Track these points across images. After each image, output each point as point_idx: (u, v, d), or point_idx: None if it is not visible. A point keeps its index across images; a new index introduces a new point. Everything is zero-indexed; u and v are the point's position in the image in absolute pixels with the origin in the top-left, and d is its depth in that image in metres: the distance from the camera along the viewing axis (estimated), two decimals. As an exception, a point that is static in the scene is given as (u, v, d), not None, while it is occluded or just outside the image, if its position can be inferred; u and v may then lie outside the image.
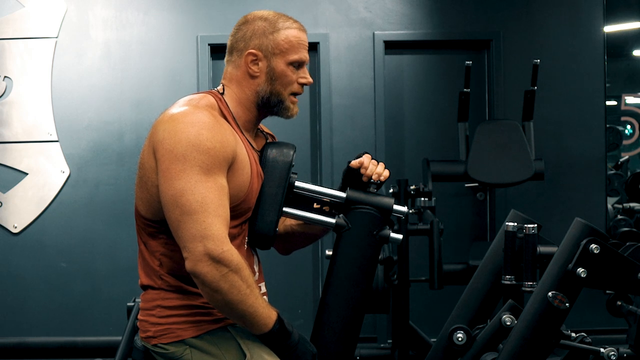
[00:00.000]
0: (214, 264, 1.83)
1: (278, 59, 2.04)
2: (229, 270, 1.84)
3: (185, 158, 1.86)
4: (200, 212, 1.85)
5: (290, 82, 2.05)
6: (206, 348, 1.95)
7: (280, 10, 2.20)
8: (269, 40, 2.04)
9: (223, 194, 1.89)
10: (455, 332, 2.00)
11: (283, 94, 2.04)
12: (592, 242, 1.82)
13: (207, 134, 1.89)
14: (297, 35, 2.06)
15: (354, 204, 2.03)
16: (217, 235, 1.84)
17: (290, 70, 2.04)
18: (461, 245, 4.87)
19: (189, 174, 1.86)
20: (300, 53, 2.05)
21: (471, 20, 5.11)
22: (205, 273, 1.84)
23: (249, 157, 2.00)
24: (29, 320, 4.83)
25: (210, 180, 1.87)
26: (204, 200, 1.85)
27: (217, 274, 1.83)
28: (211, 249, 1.83)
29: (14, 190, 4.87)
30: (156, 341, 1.98)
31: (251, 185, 1.99)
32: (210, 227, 1.84)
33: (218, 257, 1.83)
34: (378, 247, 2.05)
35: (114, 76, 4.93)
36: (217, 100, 2.03)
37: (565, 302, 1.83)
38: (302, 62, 2.06)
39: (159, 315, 1.98)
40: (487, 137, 4.48)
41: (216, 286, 1.84)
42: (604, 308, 3.18)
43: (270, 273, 5.31)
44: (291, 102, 2.06)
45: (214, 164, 1.88)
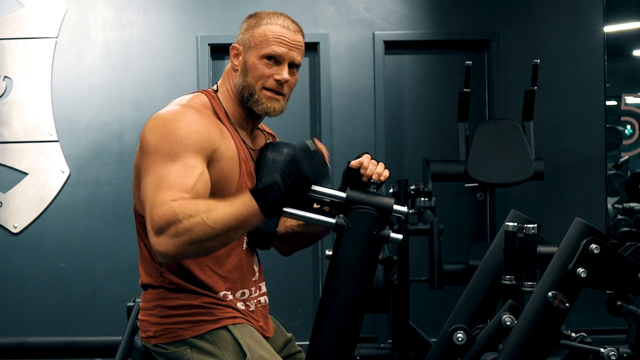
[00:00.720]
0: (163, 233, 1.75)
1: (251, 52, 2.05)
2: (176, 222, 1.74)
3: (157, 149, 1.86)
4: (152, 194, 1.80)
5: (261, 76, 2.03)
6: (206, 348, 1.95)
7: (279, 10, 2.20)
8: (249, 34, 2.07)
9: (190, 171, 1.83)
10: (455, 332, 2.00)
11: (254, 87, 2.04)
12: (592, 242, 1.82)
13: (182, 124, 1.89)
14: (275, 31, 2.05)
15: (354, 204, 2.03)
16: (158, 204, 1.77)
17: (264, 64, 2.03)
18: (461, 245, 4.87)
19: (157, 164, 1.84)
20: (273, 47, 2.03)
21: (471, 20, 5.11)
22: (165, 250, 1.76)
23: (239, 154, 2.00)
24: (29, 320, 4.83)
25: (176, 163, 1.83)
26: (159, 183, 1.81)
27: (172, 239, 1.75)
28: (154, 222, 1.76)
29: (14, 190, 4.87)
30: (156, 341, 1.98)
31: (241, 183, 1.99)
32: (155, 202, 1.78)
33: (160, 223, 1.76)
34: (378, 247, 2.05)
35: (114, 76, 4.93)
36: (210, 99, 2.05)
37: (565, 302, 1.83)
38: (276, 57, 2.04)
39: (160, 315, 1.99)
40: (487, 137, 4.49)
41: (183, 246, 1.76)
42: (604, 308, 3.18)
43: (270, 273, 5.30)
44: (264, 97, 2.04)
45: (184, 150, 1.85)
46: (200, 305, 1.97)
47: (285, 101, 2.10)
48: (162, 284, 2.00)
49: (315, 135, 5.07)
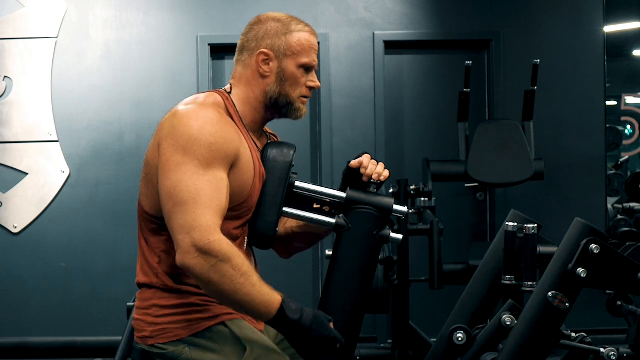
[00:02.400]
0: (202, 256, 1.81)
1: (289, 60, 2.05)
2: (218, 260, 1.81)
3: (186, 151, 1.87)
4: (191, 203, 1.84)
5: (299, 85, 2.06)
6: (205, 344, 1.95)
7: (280, 10, 2.21)
8: (282, 41, 2.05)
9: (220, 186, 1.88)
10: (455, 332, 2.00)
11: (292, 95, 2.06)
12: (592, 242, 1.82)
13: (210, 129, 1.90)
14: (309, 39, 2.08)
15: (354, 204, 2.03)
16: (205, 225, 1.82)
17: (300, 73, 2.06)
18: (461, 245, 4.87)
19: (187, 167, 1.86)
20: (311, 57, 2.07)
21: (471, 20, 5.11)
22: (194, 265, 1.82)
23: (253, 158, 2.01)
24: (29, 320, 4.83)
25: (208, 174, 1.87)
26: (197, 192, 1.85)
27: (205, 266, 1.81)
28: (198, 240, 1.81)
29: (14, 190, 4.87)
30: (153, 341, 1.98)
31: (253, 186, 2.00)
32: (199, 218, 1.83)
33: (205, 248, 1.81)
34: (378, 247, 2.05)
35: (114, 76, 4.93)
36: (224, 99, 2.05)
37: (565, 302, 1.83)
38: (312, 66, 2.07)
39: (155, 315, 1.98)
40: (487, 137, 4.48)
41: (207, 278, 1.82)
42: (604, 308, 3.18)
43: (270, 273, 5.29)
44: (301, 104, 2.08)
45: (214, 158, 1.88)
46: (196, 303, 1.97)
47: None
48: (157, 284, 2.00)
49: (315, 135, 5.07)
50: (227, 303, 1.89)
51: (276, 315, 1.86)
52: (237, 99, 2.07)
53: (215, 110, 1.97)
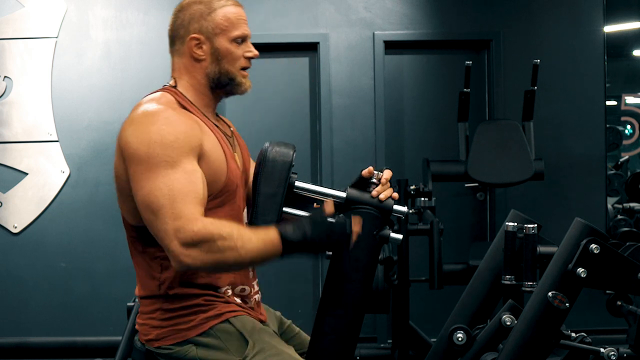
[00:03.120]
0: (194, 248, 1.81)
1: (220, 38, 2.06)
2: (210, 242, 1.81)
3: (150, 156, 1.87)
4: (168, 205, 1.83)
5: (236, 58, 2.06)
6: (210, 343, 1.96)
7: (280, 10, 2.21)
8: (208, 21, 2.06)
9: (193, 178, 1.88)
10: (455, 332, 2.00)
11: (232, 71, 2.07)
12: (592, 242, 1.82)
13: (168, 128, 1.90)
14: (235, 12, 2.07)
15: (354, 204, 2.03)
16: (186, 219, 1.81)
17: (234, 47, 2.06)
18: (461, 245, 4.87)
19: (155, 172, 1.86)
20: (241, 28, 2.07)
21: (471, 20, 5.11)
22: (192, 261, 1.82)
23: (220, 141, 2.02)
24: (29, 320, 4.83)
25: (178, 171, 1.86)
26: (171, 192, 1.84)
27: (202, 255, 1.81)
28: (184, 238, 1.81)
29: (14, 190, 4.87)
30: (159, 343, 1.99)
31: (229, 165, 2.01)
32: (179, 214, 1.82)
33: (195, 239, 1.81)
34: (378, 247, 2.05)
35: (114, 76, 4.93)
36: (173, 95, 2.05)
37: (565, 302, 1.83)
38: (244, 37, 2.08)
39: (160, 319, 1.99)
40: (487, 137, 4.48)
41: (210, 263, 1.83)
42: (604, 308, 3.18)
43: (270, 273, 5.31)
44: (242, 77, 2.08)
45: (179, 154, 1.88)
46: (200, 304, 1.97)
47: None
48: (162, 294, 2.00)
49: (315, 135, 5.07)
50: (245, 267, 1.97)
51: (284, 246, 1.88)
52: (185, 90, 2.08)
53: (169, 107, 1.97)
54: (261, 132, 5.01)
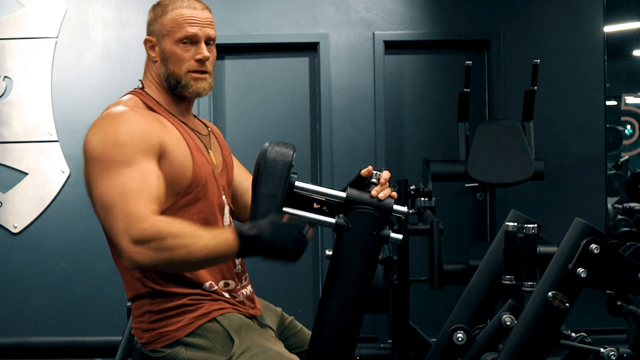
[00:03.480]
0: (144, 245, 1.80)
1: (166, 40, 2.07)
2: (160, 239, 1.80)
3: (105, 156, 1.89)
4: (121, 203, 1.84)
5: (182, 60, 2.06)
6: (198, 343, 1.97)
7: (280, 10, 2.21)
8: (159, 24, 2.08)
9: (147, 176, 1.88)
10: (455, 332, 2.00)
11: (178, 72, 2.07)
12: (592, 242, 1.82)
13: (124, 128, 1.93)
14: (183, 13, 2.07)
15: (354, 204, 2.03)
16: (137, 217, 1.82)
17: (181, 49, 2.06)
18: (461, 245, 4.87)
19: (110, 171, 1.88)
20: (187, 29, 2.05)
21: (471, 20, 5.11)
22: (142, 259, 1.81)
23: (185, 137, 2.03)
24: (29, 320, 4.83)
25: (133, 170, 1.87)
26: (124, 190, 1.85)
27: (151, 253, 1.80)
28: (135, 233, 1.81)
29: (14, 190, 4.87)
30: (151, 347, 2.00)
31: (195, 159, 2.02)
32: (130, 212, 1.82)
33: (143, 236, 1.80)
34: (378, 247, 2.04)
35: (114, 76, 4.93)
36: (139, 96, 2.09)
37: (565, 302, 1.83)
38: (192, 38, 2.06)
39: (149, 321, 2.00)
40: (487, 137, 4.48)
41: (161, 261, 1.82)
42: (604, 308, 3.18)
43: (270, 273, 5.30)
44: (191, 79, 2.07)
45: (134, 153, 1.89)
46: (187, 304, 1.98)
47: (212, 78, 2.12)
48: (146, 293, 2.01)
49: (315, 135, 5.07)
50: (199, 267, 1.91)
51: (240, 244, 1.85)
52: (151, 90, 2.11)
53: (132, 109, 2.00)
54: (261, 132, 5.01)
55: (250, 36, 4.94)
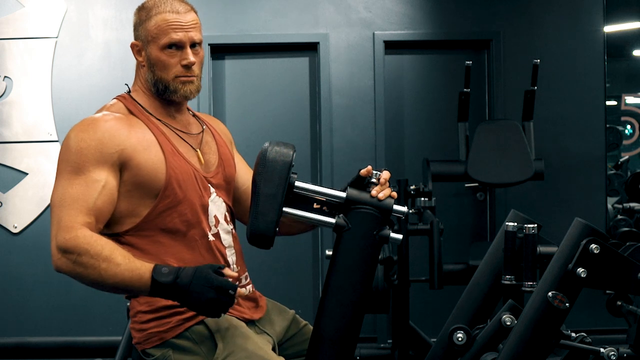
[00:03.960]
0: (64, 255, 1.87)
1: (151, 46, 2.07)
2: (77, 255, 1.85)
3: (62, 161, 1.96)
4: (57, 209, 1.91)
5: (169, 66, 2.06)
6: (185, 345, 1.97)
7: (280, 10, 2.21)
8: (143, 28, 2.08)
9: (92, 186, 1.92)
10: (455, 332, 2.00)
11: (165, 78, 2.07)
12: (592, 242, 1.82)
13: (83, 135, 1.96)
14: (167, 18, 2.05)
15: (354, 204, 2.03)
16: (65, 226, 1.88)
17: (166, 55, 2.05)
18: (461, 245, 4.87)
19: (61, 176, 1.95)
20: (171, 35, 2.04)
21: (471, 20, 5.11)
22: (60, 266, 1.88)
23: (159, 141, 2.03)
24: (29, 320, 4.83)
25: (80, 178, 1.92)
26: (63, 198, 1.91)
27: (69, 263, 1.87)
28: (59, 242, 1.87)
29: (14, 190, 4.87)
30: (142, 347, 2.02)
31: (169, 163, 2.01)
32: (61, 220, 1.89)
33: (64, 247, 1.86)
34: (378, 247, 2.04)
35: (114, 76, 4.93)
36: (122, 101, 2.10)
37: (565, 302, 1.83)
38: (176, 44, 2.06)
39: (141, 321, 2.01)
40: (487, 137, 4.48)
41: (74, 274, 1.88)
42: (604, 308, 3.18)
43: (270, 273, 5.30)
44: (180, 83, 2.07)
45: (86, 162, 1.93)
46: (175, 305, 1.97)
47: (199, 80, 2.12)
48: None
49: (315, 135, 5.07)
50: (105, 289, 1.91)
51: (152, 284, 1.83)
52: (137, 94, 2.12)
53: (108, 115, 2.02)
54: (261, 132, 5.00)
55: (250, 36, 4.94)
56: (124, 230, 2.00)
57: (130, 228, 2.00)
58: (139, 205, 1.99)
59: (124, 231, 2.00)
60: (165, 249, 2.00)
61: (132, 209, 1.99)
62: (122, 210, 1.99)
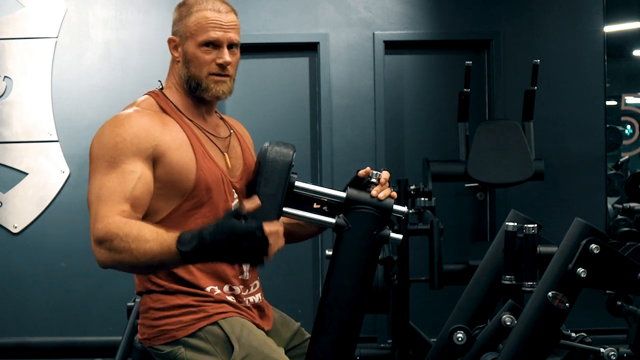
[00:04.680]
0: (100, 246, 1.82)
1: (189, 42, 2.08)
2: (108, 241, 1.81)
3: (97, 157, 1.94)
4: (95, 202, 1.88)
5: (204, 63, 2.06)
6: (199, 345, 1.97)
7: (280, 10, 2.22)
8: (183, 24, 2.09)
9: (128, 178, 1.90)
10: (455, 332, 2.00)
11: (199, 75, 2.07)
12: (592, 242, 1.82)
13: (119, 130, 1.94)
14: (208, 16, 2.06)
15: (354, 204, 2.03)
16: (100, 217, 1.84)
17: (203, 51, 2.06)
18: (461, 245, 4.87)
19: (97, 171, 1.92)
20: (210, 33, 2.05)
21: (471, 20, 5.11)
22: (99, 259, 1.84)
23: (191, 141, 2.02)
24: (29, 320, 4.83)
25: (116, 171, 1.90)
26: (101, 190, 1.89)
27: (105, 252, 1.82)
28: (94, 234, 1.84)
29: (14, 190, 4.87)
30: (151, 343, 2.01)
31: (199, 164, 2.01)
32: (96, 213, 1.86)
33: (98, 237, 1.83)
34: (378, 247, 2.05)
35: (114, 76, 4.93)
36: (154, 97, 2.09)
37: (565, 302, 1.83)
38: (214, 42, 2.06)
39: (152, 318, 2.01)
40: (487, 137, 4.48)
41: (112, 262, 1.82)
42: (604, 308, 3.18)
43: (270, 273, 5.30)
44: (211, 82, 2.07)
45: (121, 155, 1.91)
46: (190, 304, 1.98)
47: (232, 82, 2.11)
48: (151, 287, 2.02)
49: (315, 135, 5.07)
50: (144, 270, 1.90)
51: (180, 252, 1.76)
52: (169, 91, 2.11)
53: (134, 112, 2.00)
54: (261, 132, 4.99)
55: (250, 36, 4.94)
56: None
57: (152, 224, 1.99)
58: (165, 203, 1.99)
59: None
60: None
61: (158, 207, 1.98)
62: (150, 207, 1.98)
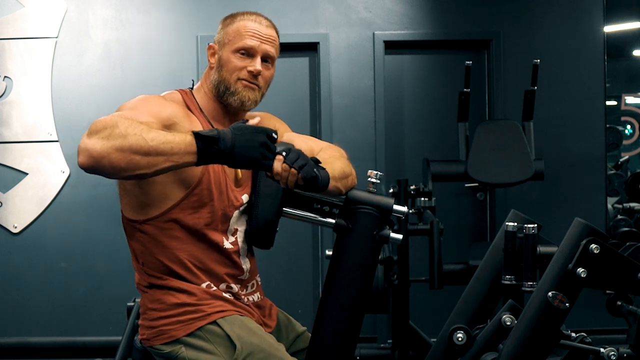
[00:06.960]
0: (93, 136, 1.75)
1: (226, 48, 2.10)
2: (111, 127, 1.75)
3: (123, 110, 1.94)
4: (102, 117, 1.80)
5: (235, 69, 2.08)
6: (199, 344, 1.97)
7: (280, 10, 2.23)
8: (223, 32, 2.12)
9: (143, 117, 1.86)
10: (455, 332, 2.00)
11: (229, 80, 2.08)
12: (592, 242, 1.82)
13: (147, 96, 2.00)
14: (247, 25, 2.10)
15: (354, 204, 2.03)
16: (102, 118, 1.79)
17: (237, 58, 2.08)
18: (461, 245, 4.87)
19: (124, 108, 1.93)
20: (246, 41, 2.08)
21: (471, 20, 5.11)
22: (90, 149, 1.75)
23: None
24: (29, 320, 4.83)
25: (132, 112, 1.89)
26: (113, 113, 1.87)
27: (102, 142, 1.74)
28: (90, 129, 1.78)
29: (14, 190, 4.87)
30: (151, 343, 2.02)
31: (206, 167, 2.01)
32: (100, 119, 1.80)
33: (96, 127, 1.76)
34: (378, 247, 2.05)
35: (114, 76, 4.93)
36: (182, 95, 2.11)
37: (565, 302, 1.83)
38: (249, 50, 2.08)
39: (151, 318, 2.02)
40: (487, 137, 4.48)
41: (109, 148, 1.73)
42: (604, 308, 3.18)
43: (270, 273, 5.30)
44: (240, 86, 2.08)
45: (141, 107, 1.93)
46: (188, 303, 1.99)
47: (261, 94, 2.13)
48: (149, 281, 2.03)
49: (315, 135, 5.07)
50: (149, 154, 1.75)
51: (198, 143, 1.77)
52: (198, 93, 2.14)
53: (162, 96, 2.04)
54: (261, 132, 5.00)
55: (250, 36, 4.94)
56: (146, 218, 2.00)
57: (152, 217, 2.00)
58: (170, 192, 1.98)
59: (144, 219, 2.00)
60: (180, 245, 2.01)
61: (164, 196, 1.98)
62: (155, 195, 1.98)
